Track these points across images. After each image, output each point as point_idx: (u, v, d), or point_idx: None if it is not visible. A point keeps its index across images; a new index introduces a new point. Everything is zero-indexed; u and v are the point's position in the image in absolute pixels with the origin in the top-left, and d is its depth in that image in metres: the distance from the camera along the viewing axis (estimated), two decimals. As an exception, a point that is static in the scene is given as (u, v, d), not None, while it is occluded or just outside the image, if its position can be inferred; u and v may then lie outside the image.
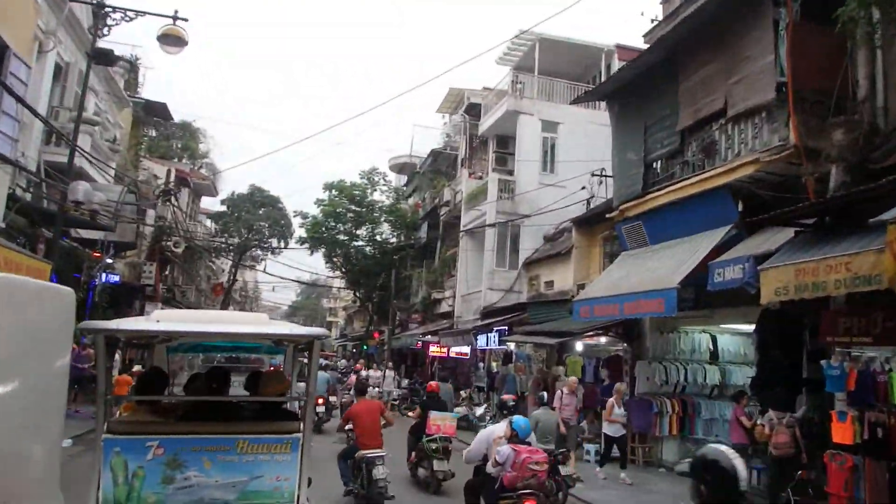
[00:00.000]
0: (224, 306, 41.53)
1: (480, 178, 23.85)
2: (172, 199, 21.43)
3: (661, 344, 13.14)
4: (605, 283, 12.91)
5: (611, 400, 11.91)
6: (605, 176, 17.00)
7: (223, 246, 39.64)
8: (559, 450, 9.33)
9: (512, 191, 21.46)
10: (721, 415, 12.39)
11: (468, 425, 18.42)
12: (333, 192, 33.12)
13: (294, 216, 33.27)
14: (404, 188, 36.64)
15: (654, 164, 12.67)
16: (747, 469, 3.97)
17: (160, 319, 4.94)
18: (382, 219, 33.05)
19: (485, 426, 12.40)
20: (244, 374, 8.03)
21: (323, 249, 34.31)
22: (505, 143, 23.88)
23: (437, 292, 25.70)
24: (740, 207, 10.15)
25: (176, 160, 32.39)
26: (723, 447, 2.95)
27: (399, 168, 38.40)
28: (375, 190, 33.32)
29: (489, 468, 6.73)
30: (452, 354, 23.12)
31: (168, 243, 21.99)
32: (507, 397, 11.16)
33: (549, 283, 19.12)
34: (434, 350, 26.35)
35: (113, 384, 6.09)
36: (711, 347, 13.07)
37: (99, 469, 4.26)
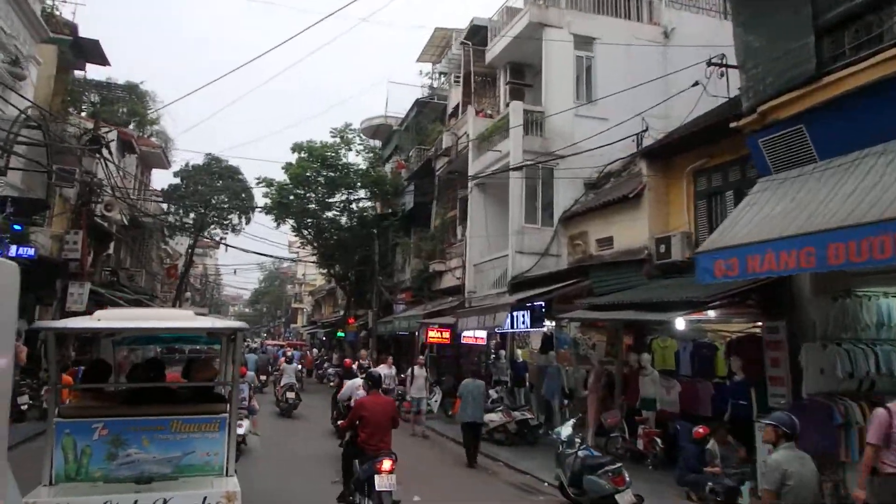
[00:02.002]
0: (179, 293, 36.25)
1: (491, 116, 19.32)
2: (103, 150, 16.31)
3: (834, 316, 8.79)
4: (750, 226, 8.56)
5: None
6: (727, 66, 12.52)
7: (177, 224, 34.30)
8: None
9: (540, 125, 16.99)
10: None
11: (513, 439, 14.12)
12: (302, 153, 28.18)
13: (257, 184, 28.31)
14: (380, 151, 31.69)
15: (829, 35, 8.35)
16: None
17: (101, 318, 5.46)
18: (359, 184, 28.19)
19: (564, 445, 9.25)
20: (183, 363, 8.29)
21: (291, 222, 29.37)
22: (520, 71, 19.37)
23: (438, 263, 21.19)
24: None
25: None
26: None
27: (373, 132, 33.33)
28: (350, 149, 28.44)
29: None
30: (465, 341, 18.71)
31: (98, 204, 16.84)
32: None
33: (605, 242, 14.81)
34: (433, 336, 21.91)
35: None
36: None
37: (51, 448, 4.95)
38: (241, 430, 10.63)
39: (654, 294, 11.07)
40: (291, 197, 28.24)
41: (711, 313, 10.11)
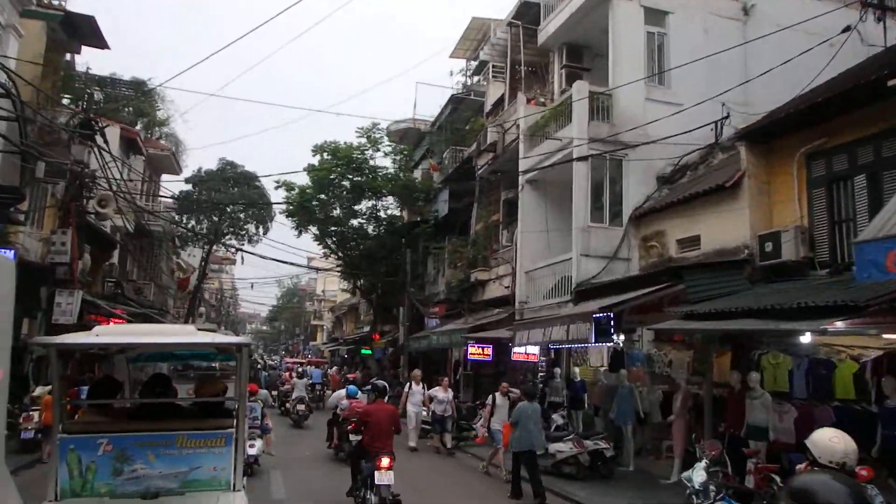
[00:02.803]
0: (191, 308, 34.05)
1: (544, 104, 16.85)
2: (97, 139, 14.06)
3: None
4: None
5: None
6: (885, 8, 9.96)
7: (188, 234, 32.17)
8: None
9: (607, 110, 14.47)
10: None
11: (585, 472, 11.44)
12: (325, 155, 25.90)
13: (276, 188, 26.02)
14: (410, 153, 29.15)
15: None
16: None
17: (99, 334, 5.41)
18: (388, 189, 25.74)
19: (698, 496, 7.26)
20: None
21: (313, 229, 27.00)
22: (577, 53, 16.90)
23: (481, 272, 18.61)
24: None
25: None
26: (831, 480, 2.66)
27: (400, 136, 30.93)
28: (378, 150, 26.07)
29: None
30: (516, 357, 16.10)
31: (90, 200, 14.50)
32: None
33: (689, 242, 12.24)
34: (473, 352, 19.38)
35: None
36: None
37: (56, 464, 4.91)
38: (252, 451, 10.32)
39: (777, 299, 8.44)
40: (315, 203, 25.91)
41: (839, 324, 7.44)
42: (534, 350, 15.89)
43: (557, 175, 15.23)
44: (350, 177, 25.85)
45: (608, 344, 12.82)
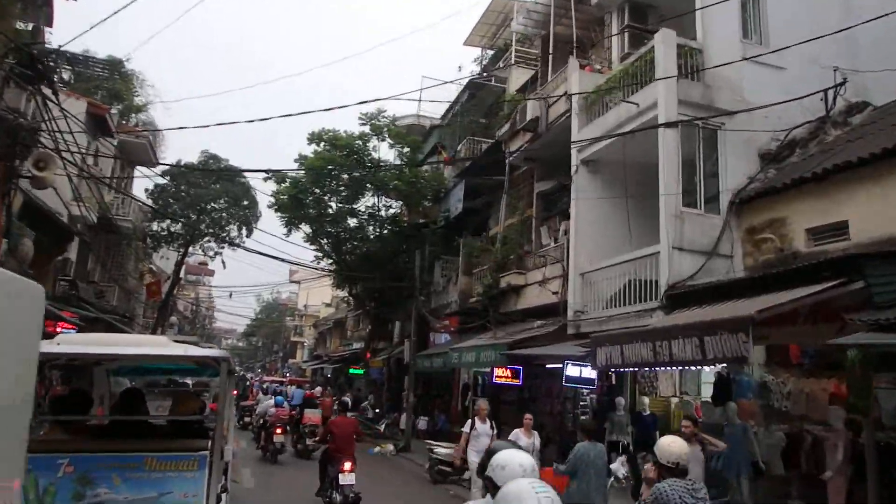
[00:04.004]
0: (161, 317, 30.38)
1: (600, 72, 13.88)
2: (44, 88, 10.70)
3: None
4: None
5: None
6: None
7: (162, 234, 28.56)
8: None
9: (696, 70, 11.51)
10: None
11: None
12: (323, 144, 22.69)
13: (266, 179, 22.71)
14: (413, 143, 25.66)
15: None
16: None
17: (61, 342, 5.00)
18: (393, 185, 22.47)
19: None
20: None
21: (305, 228, 23.65)
22: (641, 13, 13.98)
23: (515, 276, 15.39)
24: None
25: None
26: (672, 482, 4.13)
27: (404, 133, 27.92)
28: (383, 139, 22.90)
29: None
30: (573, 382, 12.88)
31: (25, 166, 11.05)
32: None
33: (831, 231, 9.23)
34: (499, 374, 16.17)
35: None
36: None
37: None
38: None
39: None
40: (308, 197, 22.61)
41: None
42: (591, 374, 12.74)
43: (624, 153, 12.23)
44: (350, 173, 22.67)
45: (714, 368, 9.78)
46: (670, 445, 4.44)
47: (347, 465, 9.24)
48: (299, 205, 22.18)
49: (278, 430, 14.98)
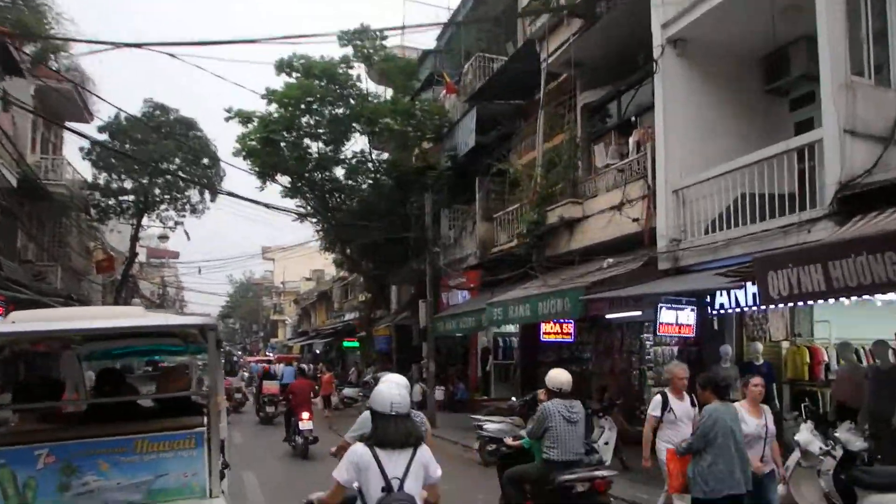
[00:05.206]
0: (121, 296, 26.34)
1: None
2: None
3: None
4: None
5: None
6: None
7: (108, 204, 24.24)
8: None
9: None
10: None
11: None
12: (294, 74, 18.52)
13: (228, 119, 18.50)
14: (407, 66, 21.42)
15: None
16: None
17: (16, 321, 4.65)
18: (384, 124, 18.42)
19: None
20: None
21: (283, 179, 19.62)
22: None
23: (570, 206, 11.70)
24: None
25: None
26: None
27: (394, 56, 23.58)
28: (371, 65, 18.83)
29: None
30: (665, 332, 9.46)
31: None
32: None
33: None
34: (548, 329, 12.94)
35: None
36: None
37: None
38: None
39: None
40: (284, 145, 18.58)
41: None
42: (690, 318, 9.30)
43: (727, 29, 8.63)
44: (330, 108, 18.63)
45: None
46: (558, 376, 5.88)
47: (305, 415, 12.08)
48: (273, 149, 18.10)
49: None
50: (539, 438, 5.74)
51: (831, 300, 5.96)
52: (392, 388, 3.64)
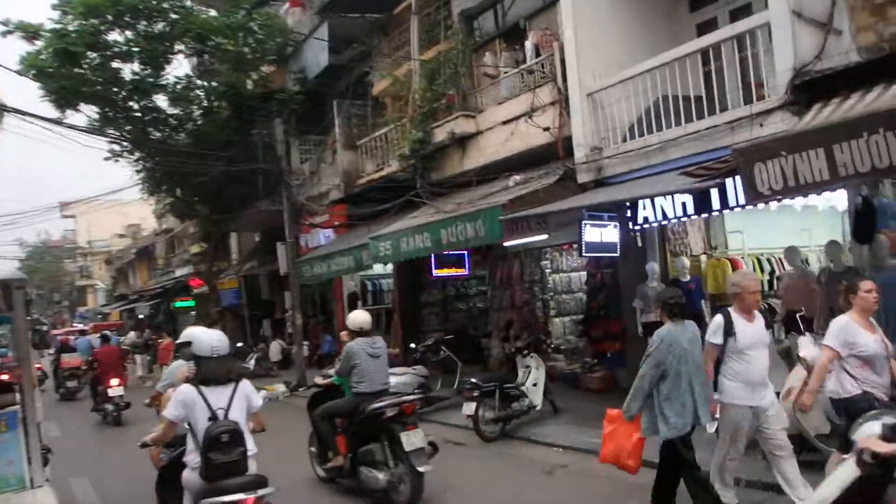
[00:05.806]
0: None
1: None
2: None
3: None
4: None
5: None
6: None
7: None
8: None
9: None
10: None
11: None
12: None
13: (5, 33, 14.51)
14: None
15: None
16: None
17: None
18: (216, 44, 15.60)
19: None
20: None
21: (89, 110, 16.06)
22: None
23: (464, 119, 10.38)
24: None
25: None
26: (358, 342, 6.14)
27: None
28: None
29: None
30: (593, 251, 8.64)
31: None
32: None
33: None
34: (441, 271, 11.84)
35: None
36: None
37: None
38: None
39: None
40: (86, 65, 15.05)
41: None
42: (614, 236, 8.56)
43: None
44: (144, 22, 15.37)
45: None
46: (359, 316, 6.46)
47: (115, 381, 11.67)
48: (72, 68, 14.51)
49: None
50: (347, 375, 6.19)
51: (836, 189, 5.32)
52: (212, 334, 4.12)
